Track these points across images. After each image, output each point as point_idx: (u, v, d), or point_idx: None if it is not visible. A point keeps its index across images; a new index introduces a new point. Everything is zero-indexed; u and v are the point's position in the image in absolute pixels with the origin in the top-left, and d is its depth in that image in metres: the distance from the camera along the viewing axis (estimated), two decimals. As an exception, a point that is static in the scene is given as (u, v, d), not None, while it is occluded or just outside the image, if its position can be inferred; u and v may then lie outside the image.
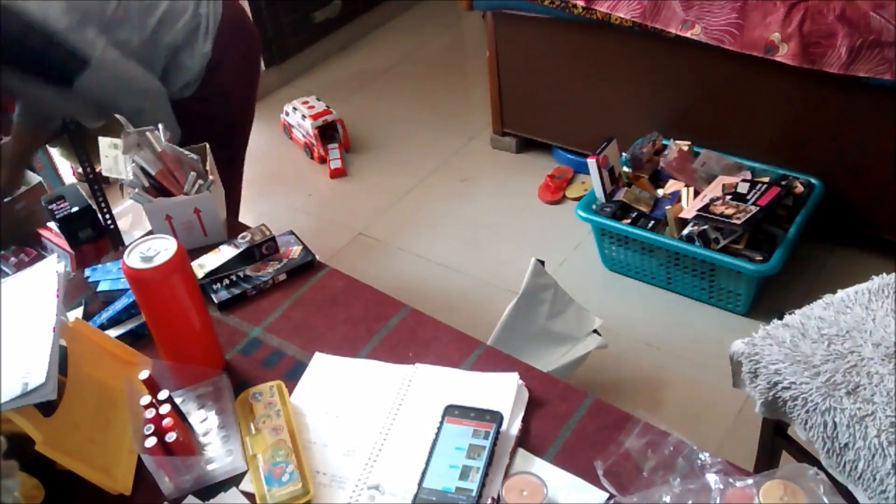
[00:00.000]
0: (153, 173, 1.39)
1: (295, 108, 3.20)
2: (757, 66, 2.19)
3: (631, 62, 2.52)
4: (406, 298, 1.30)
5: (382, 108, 3.38)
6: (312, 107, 3.16)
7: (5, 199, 2.24)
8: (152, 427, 1.01)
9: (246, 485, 1.04)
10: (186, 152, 1.44)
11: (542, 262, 1.90)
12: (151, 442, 0.99)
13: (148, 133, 1.42)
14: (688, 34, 2.24)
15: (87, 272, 1.38)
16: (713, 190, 2.30)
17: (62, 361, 1.03)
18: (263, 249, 1.39)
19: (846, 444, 1.31)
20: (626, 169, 2.45)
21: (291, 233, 1.44)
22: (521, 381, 1.11)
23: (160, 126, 1.42)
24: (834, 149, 2.30)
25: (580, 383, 2.00)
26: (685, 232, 2.23)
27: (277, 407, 1.11)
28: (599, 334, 1.99)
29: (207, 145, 1.48)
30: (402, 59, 3.70)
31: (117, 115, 1.44)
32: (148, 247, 1.09)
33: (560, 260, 2.52)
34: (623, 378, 2.11)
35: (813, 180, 2.34)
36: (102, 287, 1.34)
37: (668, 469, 1.00)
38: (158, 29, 1.65)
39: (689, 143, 2.46)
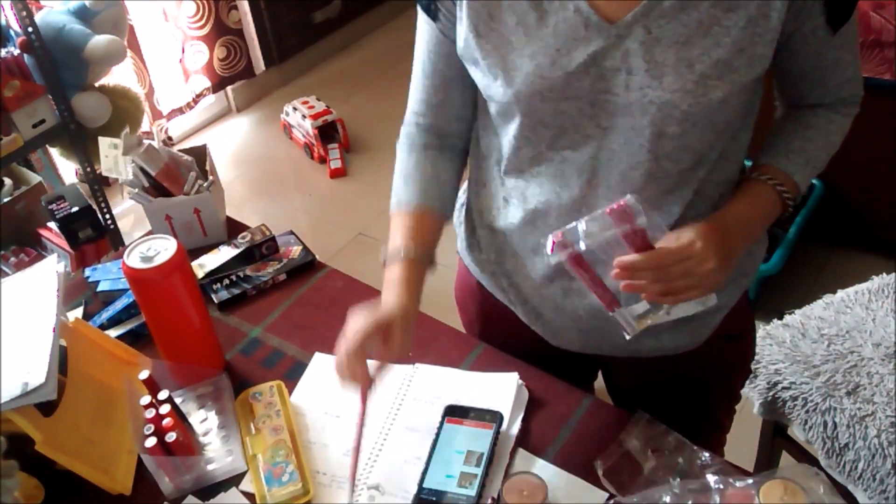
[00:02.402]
0: (153, 173, 1.39)
1: (295, 108, 3.21)
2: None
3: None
4: (406, 298, 1.30)
5: (382, 107, 3.38)
6: (312, 107, 3.16)
7: (4, 199, 2.24)
8: (152, 427, 1.00)
9: (246, 485, 1.04)
10: (182, 154, 1.44)
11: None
12: (151, 442, 0.99)
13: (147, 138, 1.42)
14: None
15: (87, 272, 1.38)
16: (713, 190, 2.30)
17: (62, 361, 1.03)
18: (263, 249, 1.39)
19: (846, 445, 1.32)
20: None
21: (291, 233, 1.44)
22: (521, 381, 1.11)
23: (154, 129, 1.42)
24: (834, 149, 2.29)
25: (580, 383, 1.99)
26: (685, 232, 2.23)
27: (277, 407, 1.11)
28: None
29: (207, 145, 1.48)
30: (403, 59, 3.68)
31: None
32: (148, 247, 1.08)
33: (560, 260, 2.52)
34: (623, 378, 2.11)
35: (813, 180, 2.34)
36: (102, 287, 1.34)
37: (669, 469, 1.00)
38: None
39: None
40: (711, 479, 0.95)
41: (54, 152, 2.57)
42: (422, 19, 1.03)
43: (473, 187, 1.13)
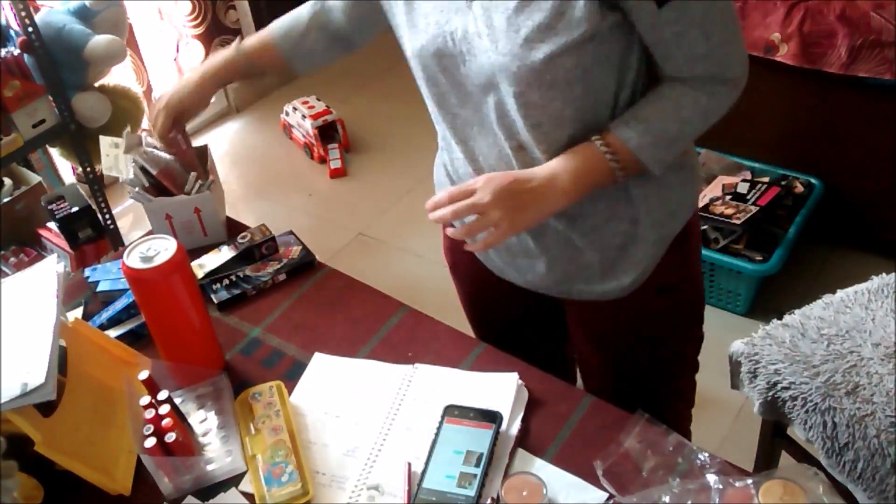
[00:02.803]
0: (153, 173, 1.39)
1: (295, 108, 3.21)
2: (757, 66, 2.18)
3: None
4: (406, 298, 1.30)
5: (382, 107, 3.38)
6: (312, 107, 3.16)
7: (4, 199, 2.24)
8: (152, 427, 1.01)
9: (245, 485, 1.04)
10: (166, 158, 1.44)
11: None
12: (151, 442, 0.99)
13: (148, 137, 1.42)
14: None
15: (87, 272, 1.38)
16: (713, 190, 2.30)
17: (62, 361, 1.03)
18: (263, 249, 1.39)
19: (846, 444, 1.31)
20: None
21: (291, 233, 1.44)
22: (520, 381, 1.11)
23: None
24: (834, 149, 2.30)
25: (580, 383, 1.99)
26: (685, 232, 2.23)
27: (277, 407, 1.11)
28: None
29: (208, 145, 1.48)
30: (402, 59, 3.69)
31: None
32: (148, 247, 1.09)
33: (560, 260, 2.52)
34: (623, 378, 2.11)
35: (813, 180, 2.34)
36: (102, 287, 1.34)
37: (668, 469, 1.00)
38: None
39: (688, 143, 2.46)
40: (711, 479, 0.95)
41: (54, 152, 2.57)
42: None
43: (441, 143, 1.27)
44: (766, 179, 2.33)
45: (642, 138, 1.05)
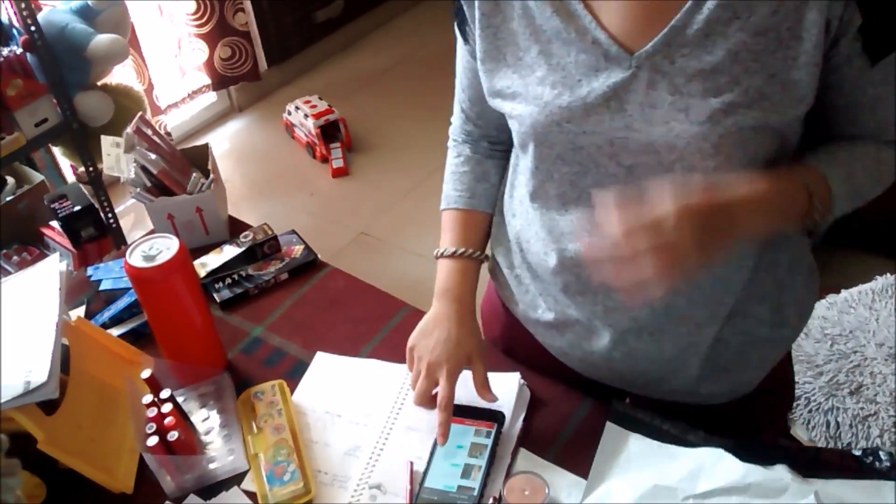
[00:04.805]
0: (155, 172, 1.39)
1: (297, 108, 3.21)
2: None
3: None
4: (407, 298, 1.30)
5: (384, 107, 3.38)
6: (315, 106, 3.16)
7: (7, 198, 2.24)
8: (154, 426, 1.01)
9: (247, 484, 1.04)
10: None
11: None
12: (153, 441, 0.99)
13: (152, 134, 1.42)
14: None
15: (90, 271, 1.38)
16: (715, 189, 2.30)
17: (64, 360, 1.03)
18: (265, 248, 1.39)
19: (848, 444, 1.31)
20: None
21: (293, 232, 1.44)
22: (522, 381, 1.11)
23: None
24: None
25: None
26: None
27: (279, 406, 1.11)
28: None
29: (209, 144, 1.48)
30: (404, 59, 3.70)
31: None
32: (150, 246, 1.09)
33: (562, 259, 2.52)
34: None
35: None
36: (104, 286, 1.34)
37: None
38: None
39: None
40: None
41: (57, 151, 2.57)
42: (458, 33, 1.00)
43: (503, 217, 1.10)
44: (768, 179, 2.33)
45: (843, 187, 0.89)
